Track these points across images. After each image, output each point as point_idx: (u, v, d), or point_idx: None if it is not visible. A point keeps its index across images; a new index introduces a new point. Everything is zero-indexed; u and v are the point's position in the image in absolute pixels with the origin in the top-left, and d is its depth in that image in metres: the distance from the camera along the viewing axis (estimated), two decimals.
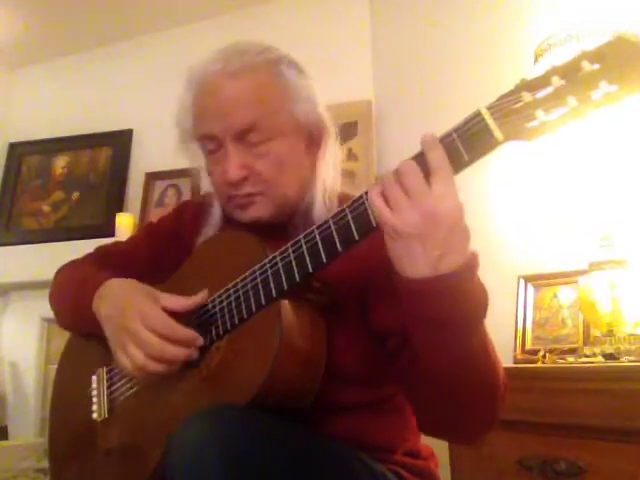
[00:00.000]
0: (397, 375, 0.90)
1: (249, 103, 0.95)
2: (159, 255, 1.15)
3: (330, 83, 2.30)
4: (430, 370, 0.80)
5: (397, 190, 0.71)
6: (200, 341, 0.90)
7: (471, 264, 0.71)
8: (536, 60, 1.58)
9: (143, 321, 0.90)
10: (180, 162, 1.01)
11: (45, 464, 1.98)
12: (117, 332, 0.94)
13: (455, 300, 0.71)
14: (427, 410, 0.88)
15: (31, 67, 2.99)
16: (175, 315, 0.93)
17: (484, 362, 0.79)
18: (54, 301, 1.18)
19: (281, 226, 1.00)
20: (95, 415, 1.07)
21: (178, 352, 0.88)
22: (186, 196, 2.52)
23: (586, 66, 0.66)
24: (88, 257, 1.22)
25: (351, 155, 2.27)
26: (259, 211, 0.99)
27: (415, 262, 0.71)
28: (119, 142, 2.74)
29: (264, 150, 0.96)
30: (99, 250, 1.24)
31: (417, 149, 0.73)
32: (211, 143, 0.99)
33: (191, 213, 1.13)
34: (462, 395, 0.81)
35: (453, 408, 0.83)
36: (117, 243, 1.29)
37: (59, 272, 1.20)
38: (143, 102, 2.65)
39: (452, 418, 0.85)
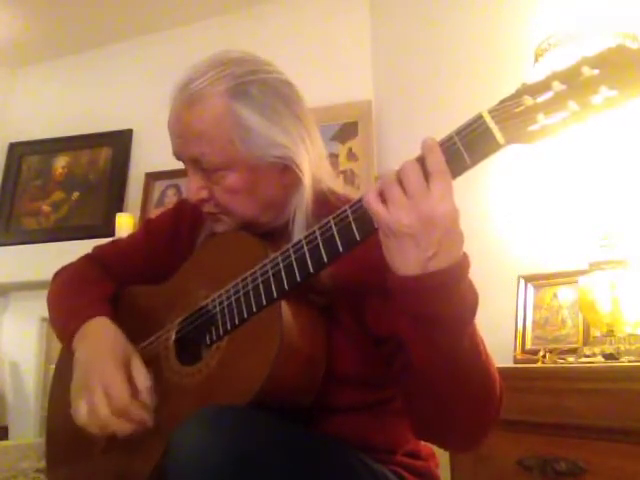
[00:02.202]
0: (392, 378, 0.91)
1: (197, 137, 0.95)
2: (157, 252, 1.15)
3: (330, 83, 2.34)
4: (421, 371, 0.80)
5: (397, 190, 0.71)
6: (150, 423, 0.89)
7: (461, 265, 0.72)
8: (536, 60, 1.58)
9: (104, 388, 0.90)
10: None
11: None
12: (79, 382, 0.95)
13: (441, 298, 0.72)
14: (420, 415, 0.88)
15: (31, 67, 2.99)
16: (167, 309, 0.92)
17: (475, 365, 0.79)
18: (48, 310, 1.16)
19: (281, 226, 1.00)
20: None
21: (123, 427, 0.89)
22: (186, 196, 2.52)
23: (586, 71, 0.66)
24: (85, 261, 1.20)
25: (351, 155, 2.27)
26: (226, 228, 1.01)
27: (407, 261, 0.71)
28: (119, 142, 2.75)
29: (219, 176, 0.96)
30: (96, 251, 1.23)
31: (417, 149, 0.73)
32: (179, 159, 1.01)
33: (190, 211, 1.13)
34: (453, 398, 0.80)
35: (445, 412, 0.83)
36: (115, 242, 1.28)
37: (54, 280, 1.19)
38: (143, 102, 2.65)
39: (444, 423, 0.85)
